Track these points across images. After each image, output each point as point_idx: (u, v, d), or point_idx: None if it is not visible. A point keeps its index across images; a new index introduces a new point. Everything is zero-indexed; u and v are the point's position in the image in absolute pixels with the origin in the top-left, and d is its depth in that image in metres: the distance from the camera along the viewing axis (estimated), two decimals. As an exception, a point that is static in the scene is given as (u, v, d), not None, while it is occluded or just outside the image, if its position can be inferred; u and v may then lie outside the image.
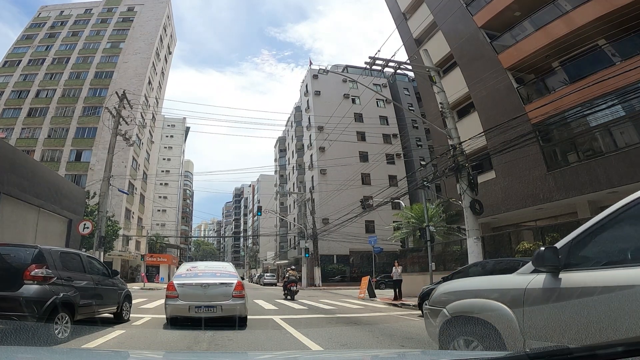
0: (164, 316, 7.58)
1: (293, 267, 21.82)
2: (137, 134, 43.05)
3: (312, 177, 43.20)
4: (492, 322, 2.67)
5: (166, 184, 74.10)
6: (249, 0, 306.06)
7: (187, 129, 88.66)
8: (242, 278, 10.45)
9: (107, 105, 25.55)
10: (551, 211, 15.20)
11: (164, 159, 77.11)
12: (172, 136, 79.98)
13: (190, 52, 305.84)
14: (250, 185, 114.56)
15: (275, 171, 72.76)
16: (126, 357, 2.36)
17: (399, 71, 16.30)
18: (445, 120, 14.04)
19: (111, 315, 7.24)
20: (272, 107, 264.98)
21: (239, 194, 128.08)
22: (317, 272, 32.24)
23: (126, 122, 22.75)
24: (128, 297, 7.76)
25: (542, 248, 2.44)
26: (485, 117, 17.34)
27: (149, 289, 27.68)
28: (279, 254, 60.01)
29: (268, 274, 41.50)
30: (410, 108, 50.49)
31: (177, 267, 51.53)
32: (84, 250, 18.73)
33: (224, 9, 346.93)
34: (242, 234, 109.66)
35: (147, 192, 46.55)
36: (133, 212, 40.21)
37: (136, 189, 41.81)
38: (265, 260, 72.91)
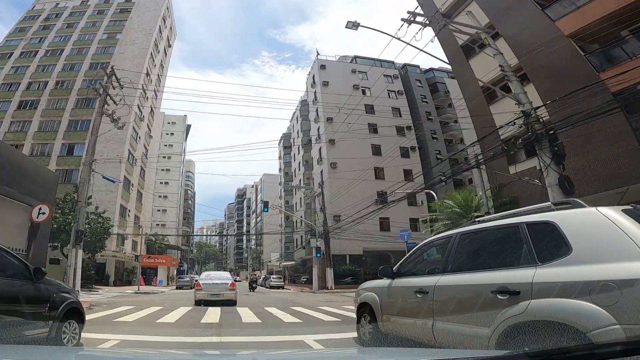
0: (144, 339, 5.98)
1: (256, 272, 25.27)
2: (133, 127, 40.29)
3: (322, 171, 40.22)
4: (370, 304, 5.33)
5: (166, 182, 71.20)
6: (249, 2, 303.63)
7: (188, 126, 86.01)
8: (235, 280, 17.60)
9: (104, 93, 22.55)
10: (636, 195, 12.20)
11: (164, 157, 74.17)
12: (172, 134, 77.19)
13: (190, 54, 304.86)
14: (252, 186, 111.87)
15: (280, 169, 69.93)
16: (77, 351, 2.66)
17: (409, 62, 13.64)
18: (510, 84, 11.21)
19: (38, 339, 4.28)
20: (272, 108, 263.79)
21: (241, 195, 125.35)
22: (330, 273, 29.24)
23: (114, 102, 20.13)
24: (75, 312, 4.72)
25: (382, 267, 5.24)
26: (545, 88, 14.42)
27: (144, 292, 24.76)
28: (285, 255, 57.06)
29: (274, 276, 38.39)
30: (423, 100, 47.70)
31: (177, 270, 48.79)
32: (59, 247, 15.71)
33: (224, 10, 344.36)
34: (245, 232, 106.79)
35: (145, 189, 43.61)
36: (129, 210, 37.23)
37: (133, 185, 38.91)
38: (269, 262, 69.93)
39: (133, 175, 38.89)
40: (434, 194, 19.98)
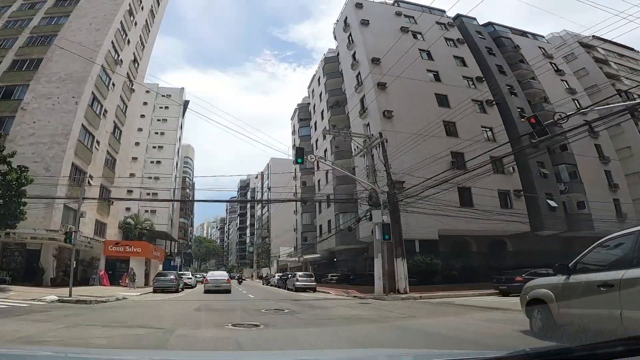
0: None
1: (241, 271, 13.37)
2: (103, 66, 28.88)
3: (368, 124, 28.64)
4: (544, 299, 5.70)
5: (158, 161, 59.76)
6: (252, 0, 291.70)
7: (186, 102, 74.43)
8: (232, 277, 31.65)
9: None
10: None
11: (156, 133, 62.95)
12: (167, 107, 65.72)
13: (193, 53, 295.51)
14: (257, 177, 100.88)
15: (293, 146, 58.69)
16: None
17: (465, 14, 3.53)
18: None
19: None
20: (274, 108, 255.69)
21: (244, 187, 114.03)
22: (402, 267, 17.76)
23: None
24: None
25: (557, 264, 5.67)
26: None
27: (81, 299, 13.26)
28: (303, 247, 45.68)
29: (302, 274, 25.96)
30: (490, 52, 36.33)
31: (163, 265, 37.33)
32: None
33: (227, 8, 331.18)
34: (251, 210, 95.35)
35: (120, 154, 31.99)
36: (90, 176, 25.58)
37: (98, 142, 27.35)
38: (279, 257, 58.71)
39: (99, 130, 27.24)
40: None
